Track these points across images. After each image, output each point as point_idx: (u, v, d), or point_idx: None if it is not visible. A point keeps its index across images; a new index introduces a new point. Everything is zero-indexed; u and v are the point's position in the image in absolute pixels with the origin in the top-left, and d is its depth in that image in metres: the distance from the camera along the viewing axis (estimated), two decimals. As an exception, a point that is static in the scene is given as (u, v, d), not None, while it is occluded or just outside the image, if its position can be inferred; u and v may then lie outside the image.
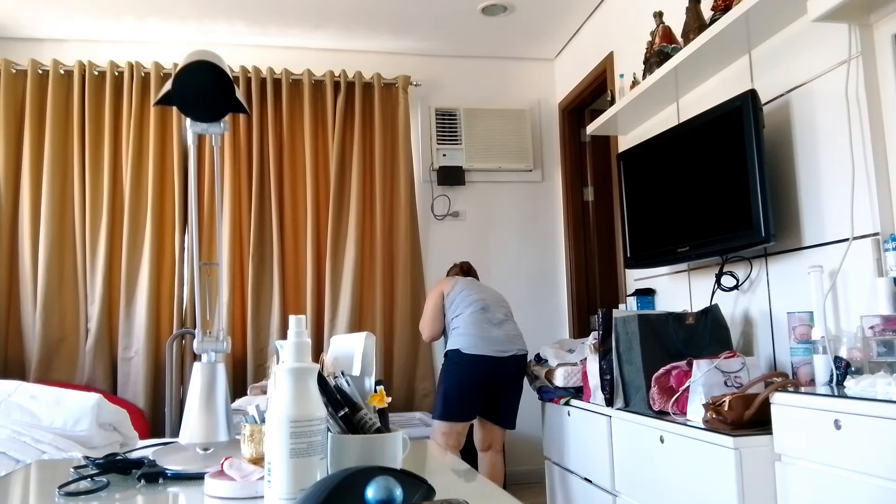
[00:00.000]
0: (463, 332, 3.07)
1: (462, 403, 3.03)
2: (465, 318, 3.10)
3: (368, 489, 0.70)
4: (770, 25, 2.30)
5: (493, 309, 3.15)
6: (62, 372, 3.77)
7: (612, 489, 2.50)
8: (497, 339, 3.06)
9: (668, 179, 2.78)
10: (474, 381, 3.03)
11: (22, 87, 3.92)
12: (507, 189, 4.50)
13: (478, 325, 3.07)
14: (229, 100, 1.23)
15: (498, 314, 3.15)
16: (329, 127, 4.15)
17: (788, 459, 1.78)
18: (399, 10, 3.88)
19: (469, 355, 3.02)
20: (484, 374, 3.03)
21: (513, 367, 3.08)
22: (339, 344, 1.16)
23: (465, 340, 3.05)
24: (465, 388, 3.04)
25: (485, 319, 3.10)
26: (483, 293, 3.21)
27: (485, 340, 3.04)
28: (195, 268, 1.30)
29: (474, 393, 3.04)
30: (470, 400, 3.04)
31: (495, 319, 3.13)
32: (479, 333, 3.05)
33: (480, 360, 3.02)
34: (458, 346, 3.06)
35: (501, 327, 3.12)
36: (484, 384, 3.05)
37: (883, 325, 1.76)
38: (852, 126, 2.04)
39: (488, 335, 3.05)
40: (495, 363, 3.03)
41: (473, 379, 3.03)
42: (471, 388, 3.04)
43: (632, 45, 3.46)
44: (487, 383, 3.05)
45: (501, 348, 3.05)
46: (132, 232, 3.88)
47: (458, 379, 3.04)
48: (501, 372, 3.06)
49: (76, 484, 1.08)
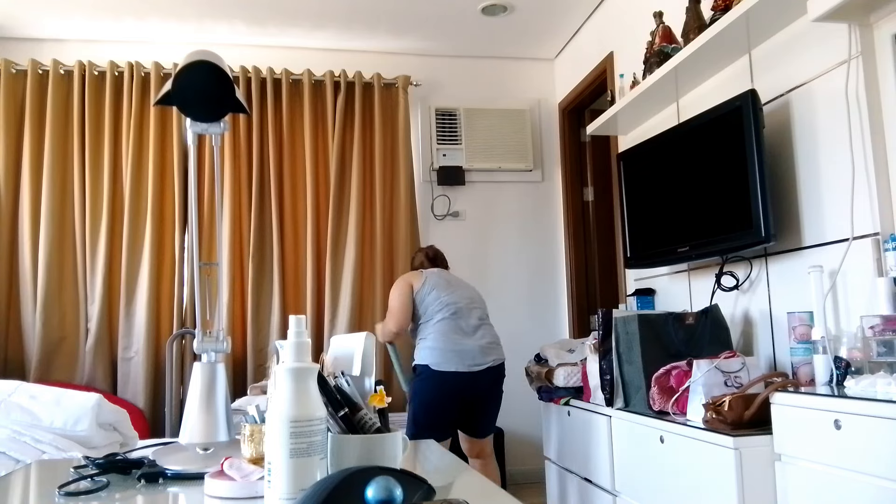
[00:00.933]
0: (432, 346, 2.86)
1: (433, 423, 2.82)
2: (435, 326, 2.89)
3: (368, 489, 0.70)
4: (770, 25, 2.30)
5: (466, 313, 2.95)
6: (62, 372, 3.77)
7: (612, 489, 2.50)
8: (470, 352, 2.86)
9: (668, 179, 2.78)
10: (446, 399, 2.84)
11: (22, 87, 3.92)
12: (507, 189, 4.50)
13: (448, 336, 2.86)
14: (229, 100, 1.23)
15: (471, 319, 2.94)
16: (329, 127, 4.15)
17: (788, 459, 1.78)
18: (399, 10, 3.88)
19: (439, 372, 2.82)
20: (456, 391, 2.84)
21: (488, 379, 2.90)
22: (339, 344, 1.16)
23: (435, 356, 2.84)
24: (435, 408, 2.84)
25: (456, 328, 2.89)
26: (455, 292, 2.98)
27: (456, 354, 2.84)
28: (195, 268, 1.30)
29: (446, 411, 2.86)
30: (441, 419, 2.85)
31: (468, 327, 2.92)
32: (449, 347, 2.85)
33: (452, 377, 2.82)
34: (426, 361, 2.86)
35: (475, 336, 2.91)
36: (457, 401, 2.87)
37: (883, 325, 1.76)
38: (852, 126, 2.04)
39: (460, 347, 2.85)
40: (469, 379, 2.84)
41: (445, 397, 2.84)
42: (442, 407, 2.85)
43: (632, 45, 3.46)
44: (461, 400, 2.87)
45: (475, 362, 2.86)
46: (132, 232, 3.88)
47: (427, 397, 2.84)
48: (476, 387, 2.88)
49: (76, 484, 1.08)
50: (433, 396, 2.84)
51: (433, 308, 2.93)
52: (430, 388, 2.84)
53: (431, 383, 2.84)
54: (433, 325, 2.90)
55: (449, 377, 2.82)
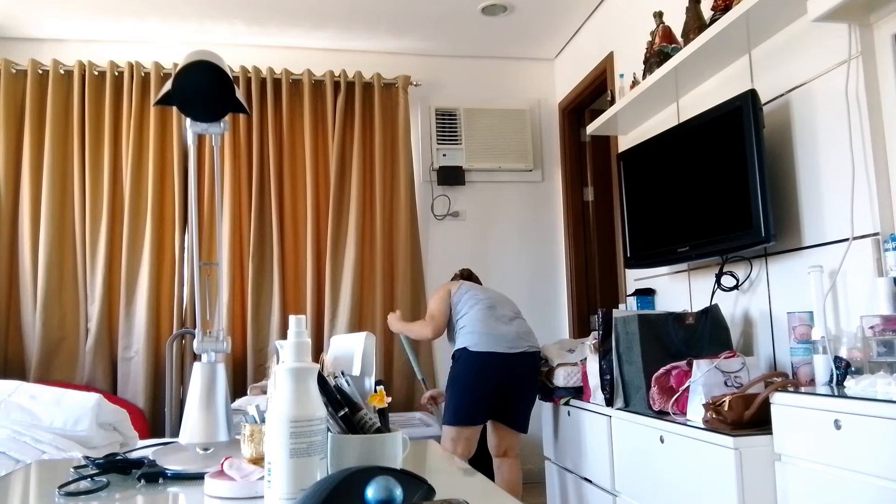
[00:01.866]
0: (470, 330, 2.96)
1: (472, 405, 2.89)
2: (472, 315, 3.00)
3: (368, 489, 0.70)
4: (770, 25, 2.30)
5: (501, 307, 3.05)
6: (62, 372, 3.77)
7: (612, 489, 2.50)
8: (506, 336, 2.93)
9: (668, 179, 2.78)
10: (484, 381, 2.90)
11: (22, 87, 3.92)
12: (507, 189, 4.50)
13: (485, 321, 2.96)
14: (229, 100, 1.23)
15: (506, 311, 3.04)
16: (329, 127, 4.15)
17: (788, 459, 1.78)
18: (399, 10, 3.88)
19: (477, 353, 2.90)
20: (494, 373, 2.90)
21: (524, 364, 2.95)
22: (339, 344, 1.16)
23: (473, 338, 2.93)
24: (474, 389, 2.90)
25: (493, 316, 2.99)
26: (489, 292, 3.13)
27: (493, 337, 2.91)
28: (195, 268, 1.30)
29: (484, 394, 2.91)
30: (479, 401, 2.90)
31: (504, 317, 3.01)
32: (486, 330, 2.93)
33: (489, 358, 2.89)
34: (465, 344, 2.94)
35: (511, 324, 3.00)
36: (494, 384, 2.91)
37: (883, 325, 1.76)
38: (852, 126, 2.04)
39: (497, 332, 2.93)
40: (505, 360, 2.90)
41: (483, 378, 2.90)
42: (480, 389, 2.90)
43: (632, 45, 3.46)
44: (498, 382, 2.91)
45: (511, 345, 2.92)
46: (132, 232, 3.88)
47: (466, 379, 2.90)
48: (512, 370, 2.93)
49: (76, 484, 1.08)
50: (473, 378, 2.90)
51: (470, 303, 3.04)
52: (470, 369, 2.90)
53: (471, 365, 2.90)
54: (469, 317, 2.99)
55: (486, 357, 2.89)
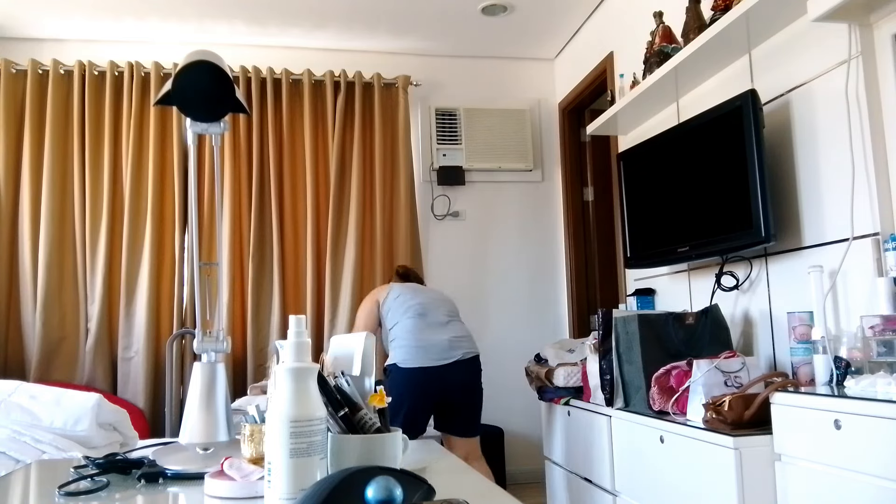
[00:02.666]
0: (400, 344, 2.83)
1: (409, 421, 2.75)
2: (402, 326, 2.86)
3: (368, 489, 0.70)
4: (770, 25, 2.30)
5: (433, 312, 2.91)
6: (62, 372, 3.77)
7: (612, 489, 2.50)
8: (437, 347, 2.81)
9: (668, 179, 2.78)
10: (418, 396, 2.78)
11: (22, 87, 3.92)
12: (507, 189, 4.50)
13: (414, 332, 2.83)
14: (229, 100, 1.23)
15: (439, 317, 2.90)
16: (329, 127, 4.15)
17: (788, 459, 1.78)
18: (399, 10, 3.88)
19: (406, 369, 2.77)
20: (427, 387, 2.78)
21: (461, 372, 2.83)
22: (339, 344, 1.16)
23: (402, 353, 2.80)
24: (408, 405, 2.76)
25: (423, 325, 2.85)
26: (420, 296, 2.97)
27: (423, 350, 2.79)
28: (195, 268, 1.30)
29: (421, 408, 2.79)
30: (416, 417, 2.78)
31: (436, 322, 2.88)
32: (415, 343, 2.80)
33: (420, 373, 2.77)
34: (395, 359, 2.82)
35: (443, 331, 2.87)
36: (430, 398, 2.80)
37: (883, 325, 1.76)
38: (852, 126, 2.04)
39: (427, 343, 2.81)
40: (438, 373, 2.78)
41: (416, 394, 2.78)
42: (415, 405, 2.78)
43: (632, 45, 3.46)
44: (433, 396, 2.81)
45: (444, 356, 2.80)
46: (132, 232, 3.88)
47: (398, 395, 2.76)
48: (448, 381, 2.81)
49: (76, 484, 1.08)
50: (405, 394, 2.77)
51: (399, 312, 2.90)
52: (399, 386, 2.78)
53: (402, 381, 2.78)
54: (399, 328, 2.87)
55: (416, 373, 2.77)
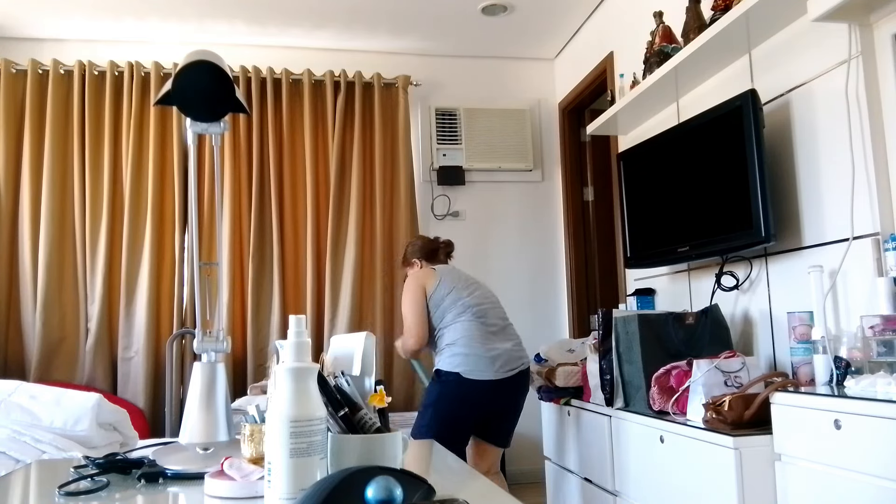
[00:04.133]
0: (462, 352, 2.60)
1: (454, 434, 2.58)
2: (461, 329, 2.64)
3: (368, 489, 0.70)
4: (770, 25, 2.30)
5: (491, 314, 2.72)
6: (62, 372, 3.77)
7: (612, 489, 2.50)
8: (502, 356, 2.62)
9: (668, 179, 2.78)
10: (473, 408, 2.61)
11: (22, 87, 3.92)
12: (507, 189, 4.50)
13: (479, 339, 2.61)
14: (229, 100, 1.23)
15: (497, 320, 2.72)
16: (329, 127, 4.15)
17: (788, 459, 1.78)
18: (399, 10, 3.88)
19: (473, 382, 2.56)
20: (485, 398, 2.60)
21: (518, 384, 2.67)
22: (339, 344, 1.16)
23: (466, 362, 2.58)
24: (460, 418, 2.59)
25: (486, 331, 2.65)
26: (475, 292, 2.75)
27: (490, 361, 2.59)
28: (195, 268, 1.30)
29: (469, 422, 2.63)
30: (465, 430, 2.63)
31: (495, 327, 2.69)
32: (481, 352, 2.59)
33: (486, 386, 2.57)
34: (455, 367, 2.59)
35: (504, 338, 2.69)
36: (485, 409, 2.64)
37: (883, 325, 1.76)
38: (852, 126, 2.04)
39: (492, 352, 2.61)
40: (502, 385, 2.60)
41: (473, 406, 2.60)
42: (468, 417, 2.62)
43: (632, 45, 3.46)
44: (488, 407, 2.64)
45: (509, 367, 2.62)
46: (132, 232, 3.88)
47: (452, 406, 2.58)
48: (506, 393, 2.63)
49: (76, 484, 1.08)
50: (460, 406, 2.59)
51: (455, 311, 2.68)
52: (460, 397, 2.59)
53: (462, 392, 2.58)
54: (457, 329, 2.65)
55: (481, 386, 2.57)
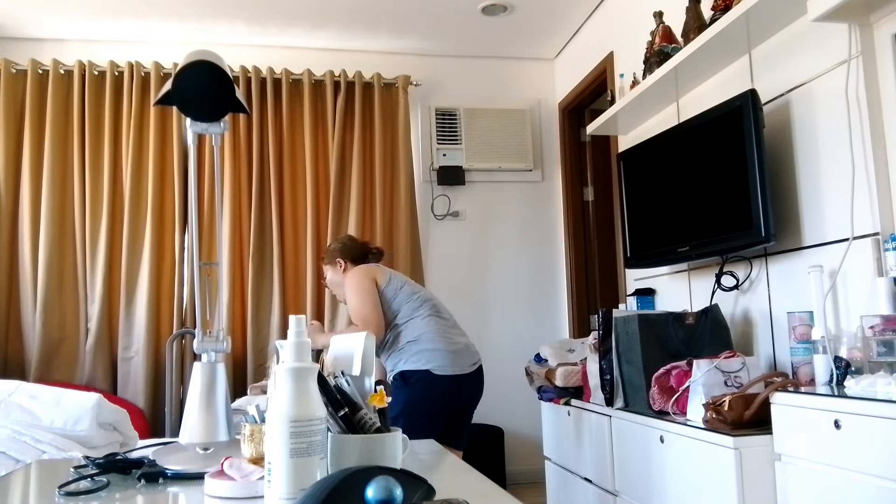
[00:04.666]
0: (429, 347, 2.46)
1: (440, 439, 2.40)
2: (422, 324, 2.49)
3: (368, 489, 0.70)
4: (770, 25, 2.30)
5: (442, 307, 2.61)
6: (62, 372, 3.77)
7: (613, 489, 2.50)
8: (464, 351, 2.52)
9: (669, 179, 2.78)
10: (446, 409, 2.47)
11: (22, 87, 3.92)
12: (507, 189, 4.50)
13: (441, 335, 2.48)
14: (229, 100, 1.23)
15: (447, 314, 2.61)
16: (329, 127, 4.15)
17: (788, 459, 1.78)
18: (399, 10, 3.88)
19: (443, 378, 2.43)
20: (456, 397, 2.49)
21: (480, 378, 2.59)
22: (339, 344, 1.16)
23: (435, 358, 2.44)
24: (437, 422, 2.42)
25: (445, 325, 2.53)
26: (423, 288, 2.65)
27: (454, 355, 2.48)
28: (195, 268, 1.30)
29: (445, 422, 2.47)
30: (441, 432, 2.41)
31: (450, 322, 2.58)
32: (447, 347, 2.47)
33: (454, 381, 2.45)
34: (425, 365, 2.44)
35: (459, 332, 2.59)
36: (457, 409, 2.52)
37: (883, 324, 1.76)
38: (852, 126, 2.04)
39: (456, 346, 2.51)
40: (467, 381, 2.50)
41: (446, 406, 2.46)
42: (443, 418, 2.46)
43: (632, 45, 3.46)
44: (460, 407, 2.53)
45: (471, 361, 2.53)
46: (132, 232, 3.88)
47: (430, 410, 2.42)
48: (472, 388, 2.54)
49: (76, 484, 1.08)
50: (436, 407, 2.45)
51: (412, 304, 2.53)
52: (431, 396, 2.44)
53: (437, 392, 2.45)
54: (418, 325, 2.50)
55: (450, 382, 2.46)
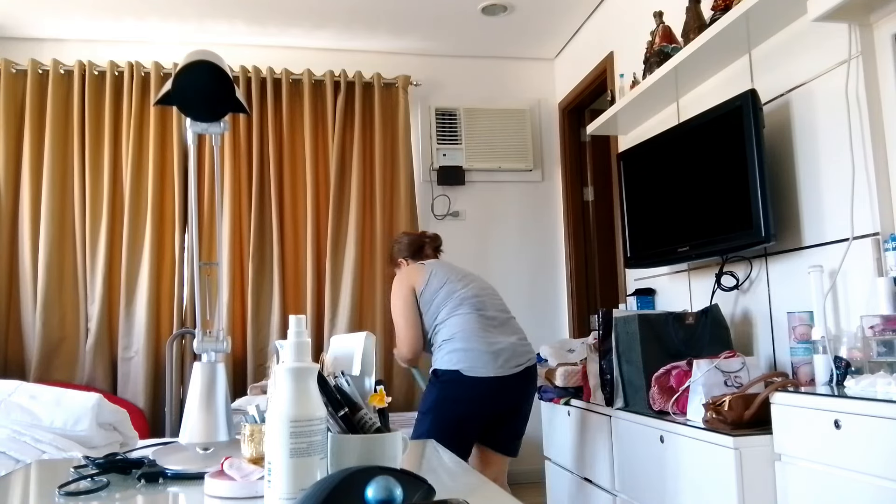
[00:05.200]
0: (461, 347, 2.35)
1: (458, 440, 2.30)
2: (458, 322, 2.38)
3: (368, 489, 0.70)
4: (770, 25, 2.30)
5: (490, 306, 2.46)
6: (62, 372, 3.77)
7: (612, 489, 2.50)
8: (506, 351, 2.36)
9: (668, 179, 2.78)
10: (477, 412, 2.34)
11: (22, 87, 3.92)
12: (507, 189, 4.50)
13: (478, 333, 2.36)
14: (229, 100, 1.23)
15: (496, 312, 2.46)
16: (329, 127, 4.15)
17: (788, 459, 1.78)
18: (399, 10, 3.88)
19: (474, 379, 2.30)
20: (493, 400, 2.34)
21: (526, 382, 2.41)
22: (339, 344, 1.16)
23: (468, 358, 2.32)
24: (464, 421, 2.33)
25: (485, 324, 2.39)
26: (471, 283, 2.49)
27: (491, 355, 2.33)
28: (195, 268, 1.30)
29: (475, 427, 2.36)
30: (468, 435, 2.36)
31: (496, 320, 2.43)
32: (482, 347, 2.34)
33: (489, 384, 2.30)
34: (455, 365, 2.33)
35: (506, 331, 2.44)
36: (490, 411, 2.38)
37: (883, 324, 1.76)
38: (852, 126, 2.04)
39: (494, 346, 2.35)
40: (508, 383, 2.34)
41: (480, 409, 2.34)
42: (473, 421, 2.35)
43: (632, 45, 3.46)
44: (494, 409, 2.38)
45: (514, 362, 2.37)
46: (132, 232, 3.88)
47: (455, 409, 2.32)
48: (512, 392, 2.37)
49: (76, 484, 1.08)
50: (467, 410, 2.34)
51: (450, 304, 2.43)
52: (461, 398, 2.33)
53: (464, 392, 2.32)
54: (454, 324, 2.40)
55: (484, 384, 2.31)
